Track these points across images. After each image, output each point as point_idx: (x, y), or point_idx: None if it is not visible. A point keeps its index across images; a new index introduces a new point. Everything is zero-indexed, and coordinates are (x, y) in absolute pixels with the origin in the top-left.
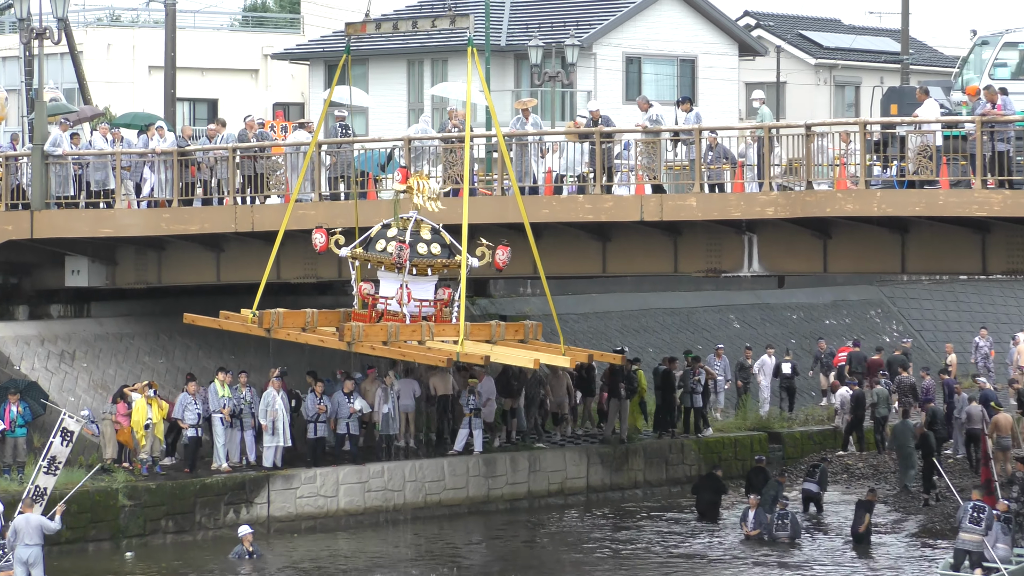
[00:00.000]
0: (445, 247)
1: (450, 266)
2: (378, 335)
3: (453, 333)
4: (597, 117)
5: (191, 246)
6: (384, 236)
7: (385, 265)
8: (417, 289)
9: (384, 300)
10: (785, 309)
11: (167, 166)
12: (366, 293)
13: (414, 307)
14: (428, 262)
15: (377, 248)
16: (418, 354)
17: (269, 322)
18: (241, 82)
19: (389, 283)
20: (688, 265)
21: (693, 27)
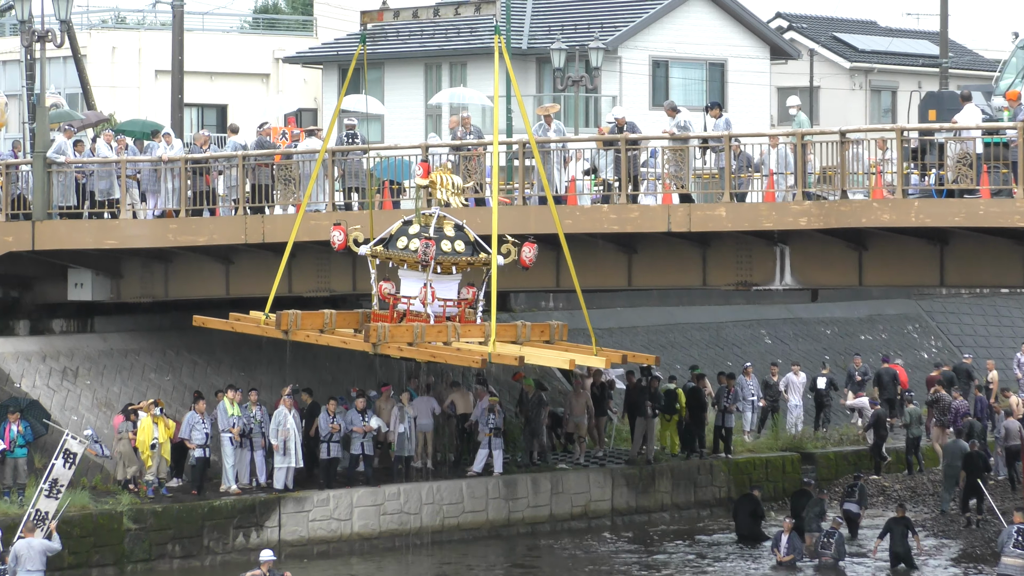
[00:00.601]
0: (469, 244)
1: (475, 264)
2: (404, 336)
3: (479, 334)
4: (623, 123)
5: (199, 258)
6: (406, 233)
7: (408, 263)
8: (441, 288)
9: (407, 300)
10: (819, 324)
11: (174, 175)
12: (386, 293)
13: (438, 307)
14: (452, 260)
15: (398, 246)
16: (449, 355)
17: (287, 323)
18: (251, 87)
19: (411, 282)
20: (717, 278)
21: (723, 29)
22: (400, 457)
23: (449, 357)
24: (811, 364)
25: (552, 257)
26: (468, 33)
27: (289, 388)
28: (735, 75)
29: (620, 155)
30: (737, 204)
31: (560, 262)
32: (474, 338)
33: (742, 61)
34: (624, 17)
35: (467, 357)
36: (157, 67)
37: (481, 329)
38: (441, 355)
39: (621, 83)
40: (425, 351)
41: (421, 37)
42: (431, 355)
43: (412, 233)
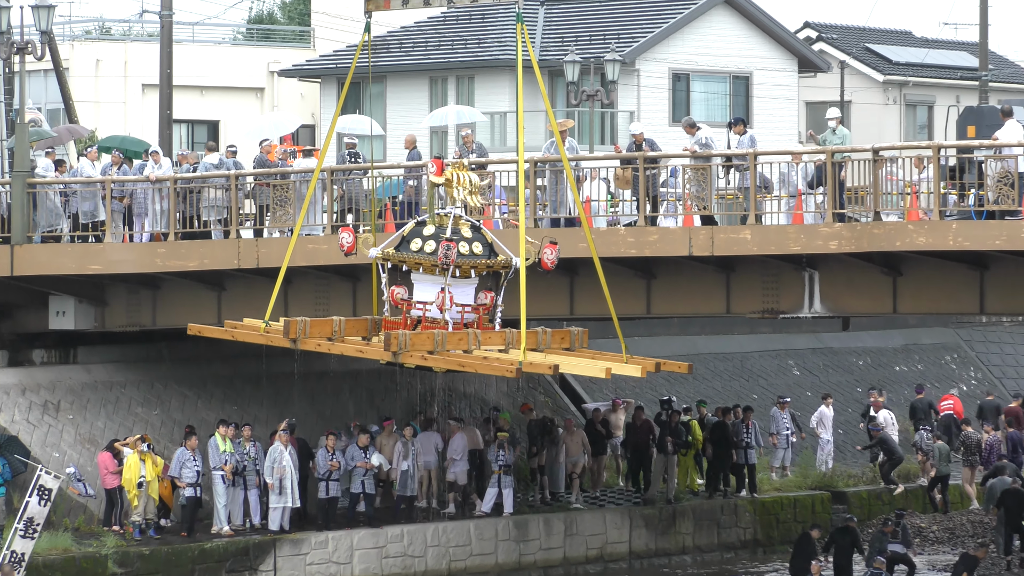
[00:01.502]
0: (487, 246)
1: (494, 267)
2: (424, 344)
3: (500, 341)
4: (641, 140)
5: (189, 284)
6: (420, 235)
7: (424, 266)
8: (458, 293)
9: (422, 306)
10: (850, 354)
11: (162, 196)
12: (399, 298)
13: (456, 313)
14: (471, 262)
15: (412, 248)
16: (477, 364)
17: (296, 331)
18: (245, 102)
19: (426, 286)
20: (742, 305)
21: (747, 40)
22: (403, 496)
23: (478, 366)
24: (842, 396)
25: (566, 283)
26: (475, 45)
27: (285, 423)
28: (760, 89)
29: (638, 174)
30: (763, 227)
31: (575, 288)
32: (495, 345)
33: (768, 74)
34: (642, 27)
35: (497, 366)
36: (144, 81)
37: (502, 336)
38: (469, 364)
39: (639, 97)
40: (451, 359)
41: (425, 49)
42: (458, 364)
43: (427, 234)
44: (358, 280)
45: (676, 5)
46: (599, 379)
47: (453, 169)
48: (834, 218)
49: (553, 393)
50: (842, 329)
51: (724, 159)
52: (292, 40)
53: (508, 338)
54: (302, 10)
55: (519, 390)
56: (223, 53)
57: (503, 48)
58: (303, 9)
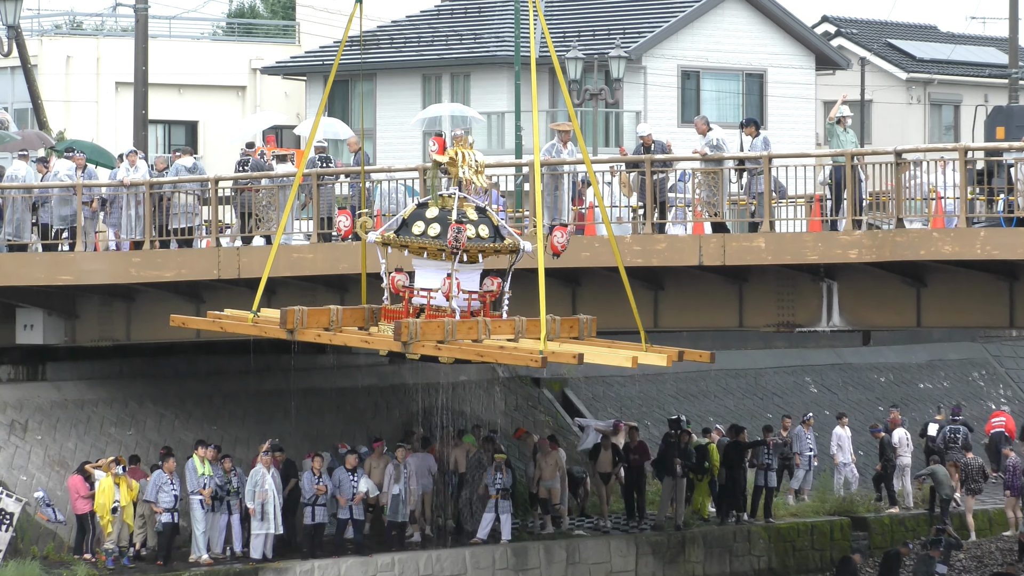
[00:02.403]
0: (493, 228)
1: (501, 251)
2: (434, 333)
3: (509, 330)
4: (649, 143)
5: (166, 296)
6: (422, 217)
7: (429, 251)
8: (464, 279)
9: (426, 293)
10: (871, 370)
11: (138, 201)
12: (401, 285)
13: (463, 300)
14: (479, 246)
15: (415, 231)
16: (498, 354)
17: (292, 322)
18: (225, 101)
19: (430, 272)
20: (756, 318)
21: (761, 35)
22: (394, 522)
23: (497, 355)
24: (862, 416)
25: (567, 294)
26: (471, 40)
27: (268, 444)
28: (775, 87)
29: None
30: (778, 234)
31: (577, 299)
32: (504, 335)
33: (783, 71)
34: (649, 22)
35: (519, 356)
36: (118, 79)
37: (511, 325)
38: (488, 353)
39: (646, 97)
40: (468, 349)
41: (418, 44)
42: (476, 353)
43: (430, 217)
44: (346, 291)
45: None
46: (603, 397)
47: (457, 147)
48: (854, 225)
49: (554, 412)
50: (862, 344)
51: (737, 162)
52: (276, 35)
53: (518, 327)
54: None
55: (517, 408)
56: (202, 49)
57: (501, 44)
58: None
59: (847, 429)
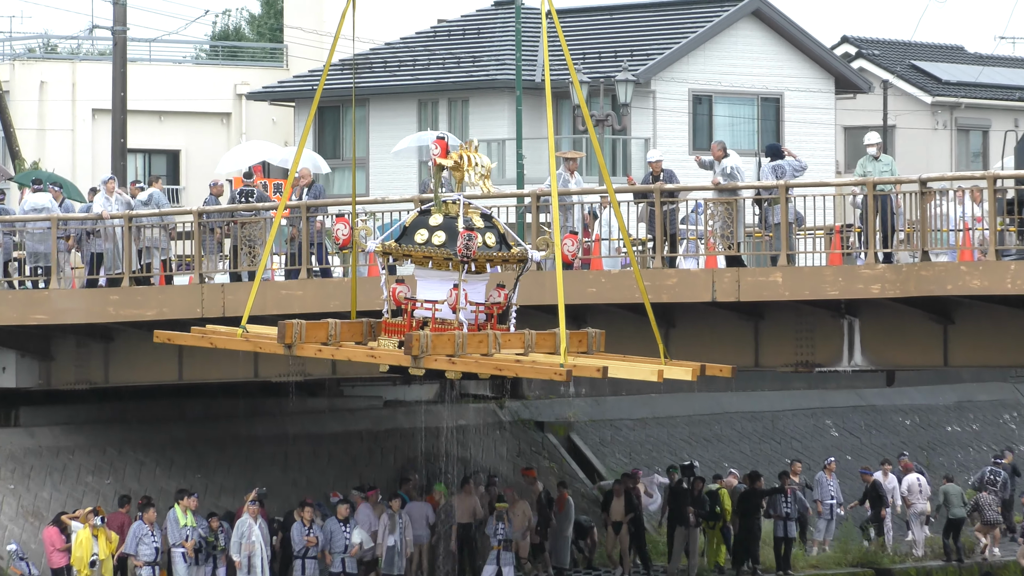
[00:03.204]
0: (500, 237)
1: (509, 260)
2: (445, 346)
3: (518, 344)
4: (658, 170)
5: (147, 336)
6: (425, 225)
7: (435, 260)
8: (471, 290)
9: (431, 305)
10: (896, 412)
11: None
12: (402, 297)
13: (470, 312)
14: (487, 256)
15: (417, 240)
16: (519, 367)
17: (291, 336)
18: (209, 128)
19: (433, 283)
20: (773, 357)
21: (777, 57)
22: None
23: (519, 370)
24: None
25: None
26: (470, 63)
27: (254, 493)
28: (793, 112)
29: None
30: (796, 268)
31: None
32: (513, 349)
33: (801, 95)
34: (658, 44)
35: (542, 369)
36: (95, 105)
37: (521, 338)
38: (507, 367)
39: (655, 122)
40: (485, 363)
41: (414, 68)
42: (495, 367)
43: (434, 224)
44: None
45: (696, 18)
46: (611, 442)
47: (462, 150)
48: (876, 259)
49: (559, 458)
50: (886, 384)
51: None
52: (262, 59)
53: (527, 340)
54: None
55: (520, 454)
56: (184, 74)
57: (501, 67)
58: (274, 24)
59: (890, 477)
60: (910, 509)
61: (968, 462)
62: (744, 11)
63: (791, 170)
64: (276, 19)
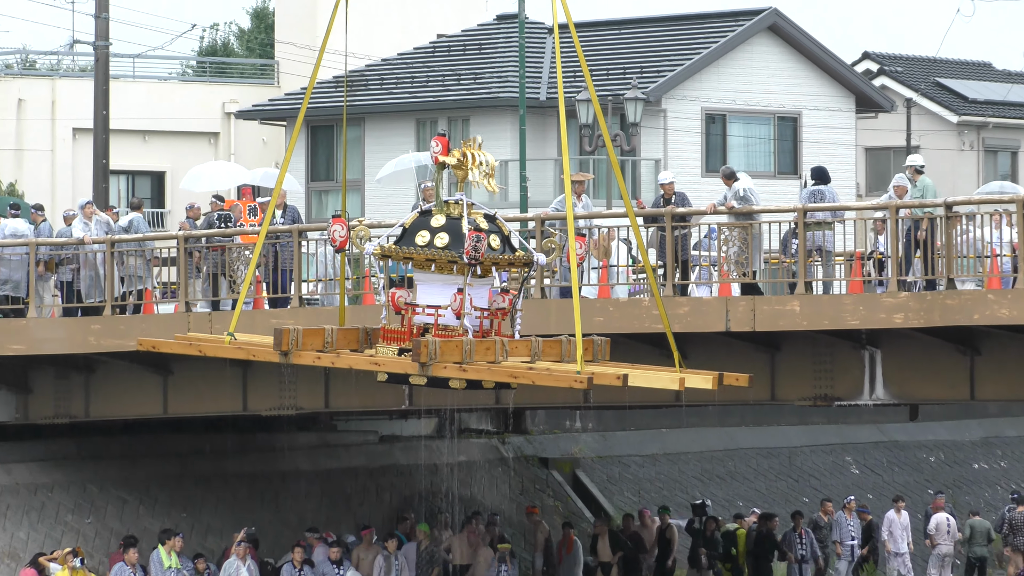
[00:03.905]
0: (504, 239)
1: (515, 264)
2: (452, 353)
3: (524, 351)
4: (671, 193)
5: (130, 368)
6: (427, 226)
7: (438, 263)
8: (475, 295)
9: (433, 311)
10: (919, 449)
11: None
12: (402, 303)
13: (474, 318)
14: (493, 259)
15: (418, 242)
16: (535, 375)
17: (287, 343)
18: (196, 149)
19: (435, 288)
20: (790, 390)
21: (795, 74)
22: None
23: (535, 377)
24: (910, 500)
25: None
26: (471, 80)
27: (243, 532)
28: (811, 132)
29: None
30: (815, 297)
31: None
32: (520, 357)
33: (820, 114)
34: (669, 60)
35: (561, 377)
36: (76, 124)
37: (527, 345)
38: (523, 375)
39: (666, 143)
40: (499, 371)
41: (412, 85)
42: (509, 375)
43: (436, 225)
44: None
45: (710, 33)
46: (619, 479)
47: (465, 147)
48: (899, 286)
49: (564, 496)
50: (909, 419)
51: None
52: (252, 76)
53: (534, 348)
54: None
55: (523, 492)
56: (170, 91)
57: (504, 84)
58: (265, 39)
59: (903, 515)
60: (934, 550)
61: (996, 501)
62: (760, 26)
63: (831, 197)
64: (267, 34)
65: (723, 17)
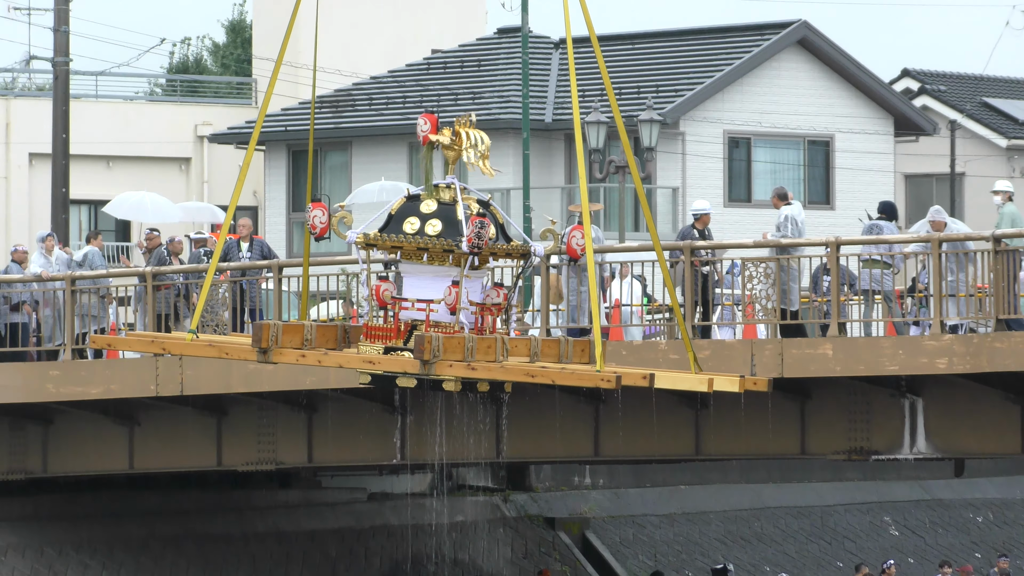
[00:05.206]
0: (499, 227)
1: (512, 254)
2: (455, 350)
3: (524, 350)
4: (707, 223)
5: (92, 418)
6: (416, 212)
7: (432, 253)
8: (470, 288)
9: (424, 306)
10: (965, 508)
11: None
12: (387, 297)
13: (470, 314)
14: (490, 249)
15: (407, 230)
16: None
17: (267, 339)
18: (166, 176)
19: (425, 280)
20: (822, 444)
21: (827, 93)
22: None
23: (556, 376)
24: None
25: (590, 413)
26: (469, 100)
27: None
28: (845, 157)
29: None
30: (849, 340)
31: (600, 422)
32: (520, 356)
33: (855, 137)
34: (688, 78)
35: (586, 376)
36: (32, 149)
37: (526, 344)
38: (541, 375)
39: (684, 169)
40: (514, 370)
41: (404, 106)
42: (526, 374)
43: (427, 212)
44: (314, 411)
45: (733, 48)
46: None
47: (457, 126)
48: (943, 328)
49: (573, 560)
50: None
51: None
52: (227, 95)
53: (533, 347)
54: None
55: (527, 555)
56: (136, 112)
57: (505, 104)
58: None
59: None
60: None
61: None
62: (788, 40)
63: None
64: (244, 49)
65: (747, 31)
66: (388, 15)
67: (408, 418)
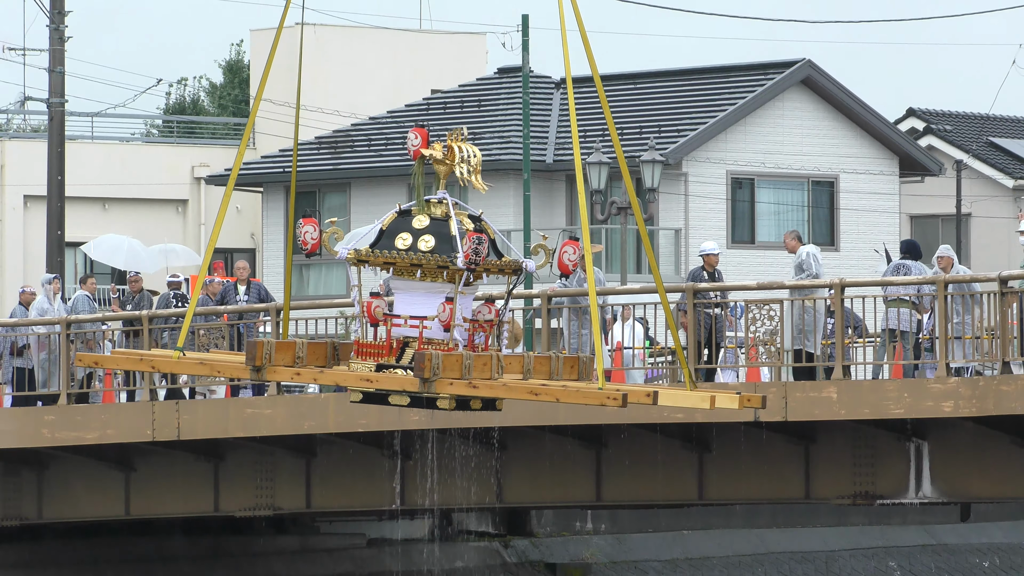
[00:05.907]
0: (490, 242)
1: (505, 270)
2: (452, 368)
3: (517, 367)
4: (714, 264)
5: (87, 464)
6: (408, 227)
7: (425, 269)
8: (463, 304)
9: (417, 322)
10: (972, 553)
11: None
12: (379, 313)
13: (463, 331)
14: (484, 265)
15: (399, 245)
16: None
17: (260, 357)
18: (162, 218)
19: (417, 297)
20: (826, 488)
21: (831, 133)
22: None
23: (559, 394)
24: None
25: (591, 458)
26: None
27: None
28: (849, 197)
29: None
30: (854, 382)
31: (602, 465)
32: (513, 373)
33: (859, 178)
34: (691, 118)
35: (592, 395)
36: (27, 191)
37: (519, 361)
38: (545, 393)
39: (687, 210)
40: (517, 387)
41: (402, 147)
42: (530, 392)
43: (419, 227)
44: (313, 455)
45: (736, 88)
46: None
47: (449, 140)
48: (948, 371)
49: None
50: (961, 520)
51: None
52: (224, 136)
53: (526, 364)
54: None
55: None
56: (133, 154)
57: (506, 145)
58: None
59: None
60: None
61: None
62: (792, 79)
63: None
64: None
65: (751, 70)
66: (387, 55)
67: (407, 463)
